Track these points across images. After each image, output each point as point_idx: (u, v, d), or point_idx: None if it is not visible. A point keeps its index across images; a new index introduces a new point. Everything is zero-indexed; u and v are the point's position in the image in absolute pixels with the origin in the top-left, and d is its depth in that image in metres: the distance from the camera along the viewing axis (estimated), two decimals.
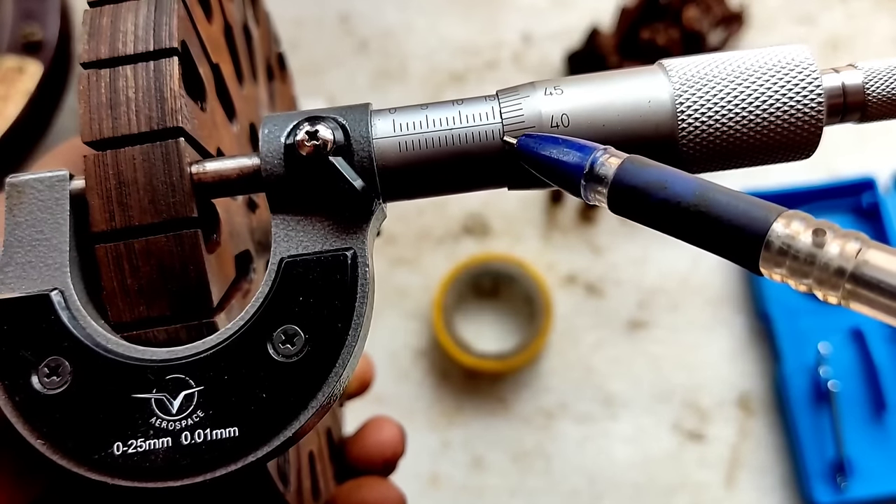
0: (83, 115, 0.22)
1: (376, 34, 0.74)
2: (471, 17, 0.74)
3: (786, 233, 0.18)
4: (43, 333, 0.22)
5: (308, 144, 0.22)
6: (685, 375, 0.63)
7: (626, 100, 0.23)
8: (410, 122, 0.23)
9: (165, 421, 0.21)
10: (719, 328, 0.64)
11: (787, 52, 0.23)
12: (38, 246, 0.22)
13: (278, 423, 0.21)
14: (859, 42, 0.73)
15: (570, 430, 0.62)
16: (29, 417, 0.21)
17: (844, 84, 0.23)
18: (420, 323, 0.65)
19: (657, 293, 0.65)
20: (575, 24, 0.71)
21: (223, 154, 0.27)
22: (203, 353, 0.22)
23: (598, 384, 0.63)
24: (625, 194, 0.21)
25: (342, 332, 0.22)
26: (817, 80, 0.23)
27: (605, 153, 0.22)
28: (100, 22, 0.23)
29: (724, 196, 0.20)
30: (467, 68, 0.72)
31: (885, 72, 0.24)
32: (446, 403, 0.63)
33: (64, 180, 0.23)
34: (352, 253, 0.23)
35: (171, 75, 0.22)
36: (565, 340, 0.64)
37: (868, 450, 0.58)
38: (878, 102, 0.24)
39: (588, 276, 0.65)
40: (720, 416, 0.62)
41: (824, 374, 0.60)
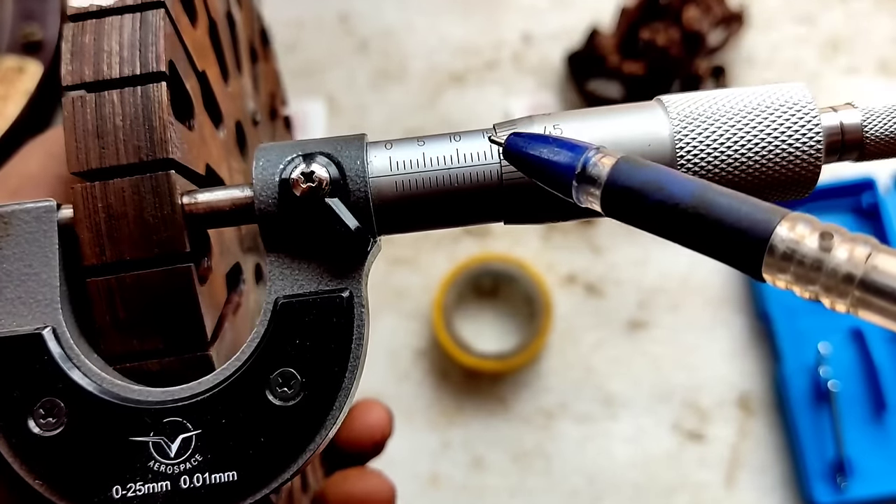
0: (69, 143, 0.22)
1: (376, 34, 0.74)
2: (471, 17, 0.74)
3: (790, 237, 0.17)
4: (36, 374, 0.21)
5: (303, 185, 0.21)
6: (685, 375, 0.63)
7: (625, 137, 0.23)
8: (407, 159, 0.23)
9: (164, 464, 0.21)
10: (719, 328, 0.64)
11: (787, 92, 0.23)
12: (28, 281, 0.22)
13: (277, 467, 0.21)
14: (859, 42, 0.73)
15: (570, 430, 0.62)
16: (26, 459, 0.21)
17: (843, 123, 0.23)
18: (420, 323, 0.65)
19: (657, 293, 0.65)
20: (575, 24, 0.71)
21: (213, 170, 0.26)
22: (200, 396, 0.21)
23: (598, 384, 0.63)
24: (619, 196, 0.20)
25: (339, 374, 0.22)
26: (817, 120, 0.23)
27: (598, 152, 0.21)
28: (82, 40, 0.22)
29: (725, 198, 0.19)
30: (467, 68, 0.72)
31: (883, 112, 0.23)
32: (446, 403, 0.63)
33: (52, 211, 0.22)
34: (347, 294, 0.22)
35: (160, 102, 0.22)
36: (565, 340, 0.64)
37: (868, 450, 0.58)
38: (876, 142, 0.23)
39: (588, 276, 0.65)
40: (720, 415, 0.62)
41: (824, 374, 0.60)
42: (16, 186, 0.27)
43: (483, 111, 0.71)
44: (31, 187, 0.27)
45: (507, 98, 0.71)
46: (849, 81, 0.71)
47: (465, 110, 0.71)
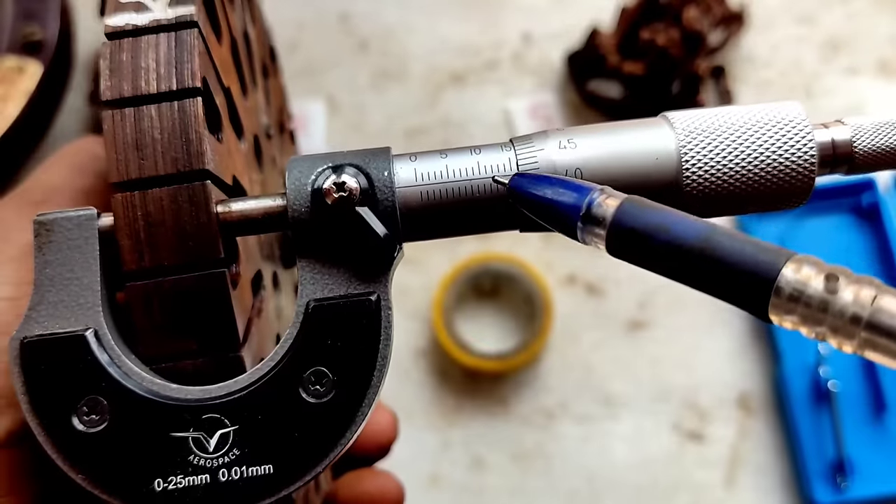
0: (110, 155, 0.23)
1: (376, 34, 0.74)
2: (471, 17, 0.74)
3: (796, 278, 0.18)
4: (80, 373, 0.22)
5: (335, 195, 0.23)
6: (685, 375, 0.63)
7: (636, 151, 0.24)
8: (432, 171, 0.24)
9: (203, 458, 0.22)
10: (719, 328, 0.64)
11: (783, 109, 0.25)
12: (70, 285, 0.23)
13: (311, 461, 0.22)
14: (859, 42, 0.73)
15: (570, 430, 0.62)
16: (69, 455, 0.22)
17: (834, 139, 0.25)
18: (420, 323, 0.65)
19: (657, 293, 0.65)
20: (575, 24, 0.71)
21: (238, 181, 0.27)
22: (237, 394, 0.23)
23: (598, 384, 0.63)
24: (624, 237, 0.20)
25: (368, 373, 0.23)
26: (810, 136, 0.25)
27: (602, 193, 0.21)
28: (120, 58, 0.23)
29: (730, 240, 0.19)
30: (467, 68, 0.72)
31: (870, 128, 0.25)
32: (446, 403, 0.63)
33: (92, 218, 0.23)
34: (376, 297, 0.23)
35: (196, 116, 0.23)
36: (565, 340, 0.64)
37: (868, 450, 0.58)
38: (865, 156, 0.25)
39: (588, 276, 0.65)
40: (720, 415, 0.62)
41: (824, 374, 0.60)
42: (39, 198, 0.28)
43: (483, 111, 0.71)
44: (54, 199, 0.28)
45: (507, 98, 0.71)
46: (849, 81, 0.71)
47: (465, 110, 0.71)
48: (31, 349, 0.22)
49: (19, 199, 0.28)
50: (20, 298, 0.25)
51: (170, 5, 0.24)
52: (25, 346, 0.22)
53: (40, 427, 0.22)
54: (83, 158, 0.29)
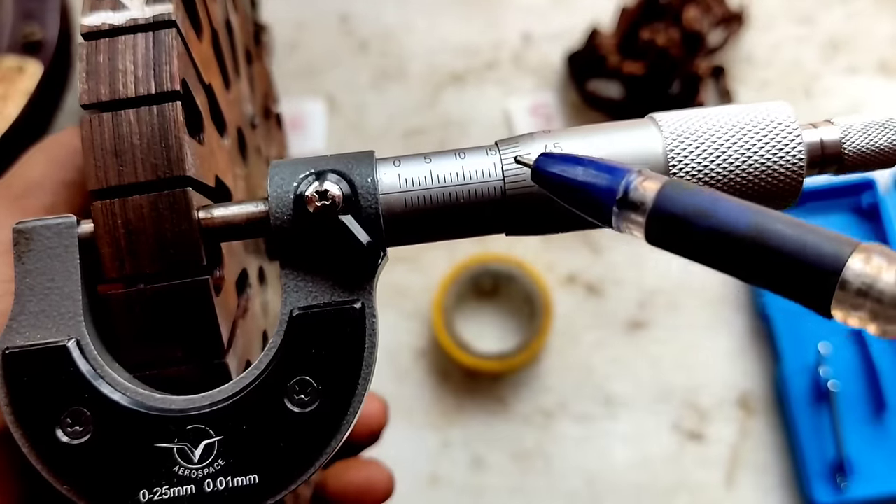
0: (88, 161, 0.22)
1: (376, 34, 0.74)
2: (471, 17, 0.74)
3: (865, 271, 0.16)
4: (63, 384, 0.22)
5: (318, 203, 0.22)
6: (685, 375, 0.63)
7: (622, 154, 0.24)
8: (415, 176, 0.24)
9: (188, 469, 0.22)
10: (719, 328, 0.64)
11: (771, 110, 0.25)
12: (51, 294, 0.23)
13: (296, 470, 0.22)
14: (859, 42, 0.73)
15: (570, 430, 0.62)
16: (54, 466, 0.22)
17: (822, 140, 0.25)
18: (420, 323, 0.65)
19: (657, 293, 0.65)
20: (575, 24, 0.71)
21: (221, 181, 0.27)
22: (221, 404, 0.22)
23: (598, 384, 0.63)
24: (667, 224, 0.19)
25: (353, 381, 0.23)
26: (799, 137, 0.24)
27: (640, 175, 0.19)
28: (97, 59, 0.23)
29: (786, 226, 0.17)
30: (467, 68, 0.72)
31: (860, 128, 0.25)
32: (446, 403, 0.63)
33: (72, 226, 0.23)
34: (360, 305, 0.23)
35: (175, 121, 0.22)
36: (565, 340, 0.64)
37: (868, 450, 0.58)
38: (854, 156, 0.25)
39: (588, 276, 0.65)
40: (720, 415, 0.62)
41: (824, 374, 0.60)
42: (20, 192, 0.28)
43: (483, 111, 0.71)
44: (35, 193, 0.27)
45: (507, 98, 0.71)
46: (849, 81, 0.71)
47: (465, 110, 0.71)
48: (13, 360, 0.22)
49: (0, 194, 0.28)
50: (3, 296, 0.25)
51: (147, 3, 0.23)
52: (7, 357, 0.22)
53: (24, 438, 0.22)
54: (64, 151, 0.29)
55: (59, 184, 0.28)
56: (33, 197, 0.27)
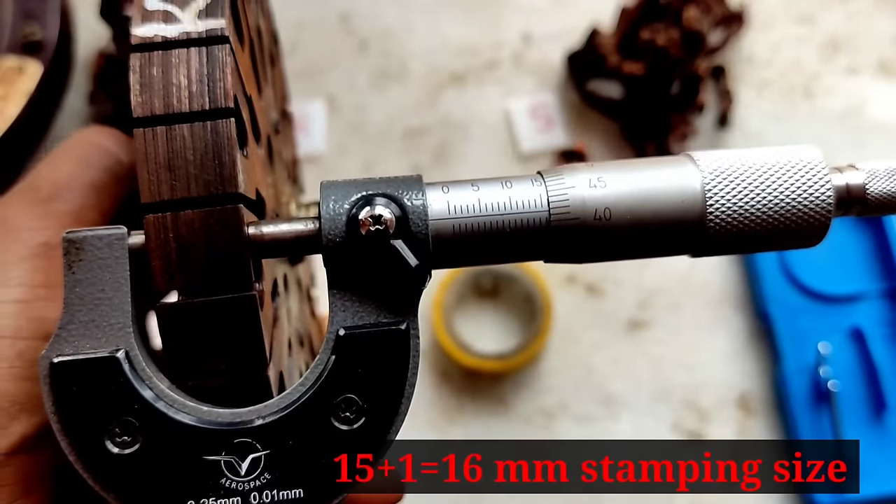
0: (142, 175, 0.22)
1: (376, 34, 0.74)
2: (471, 18, 0.74)
3: None
4: (112, 395, 0.22)
5: (371, 227, 0.23)
6: (685, 375, 0.63)
7: (663, 190, 0.25)
8: (464, 204, 0.24)
9: (235, 482, 0.22)
10: (719, 328, 0.64)
11: (802, 153, 0.26)
12: (101, 305, 0.23)
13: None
14: (859, 42, 0.73)
15: (570, 430, 0.62)
16: (101, 477, 0.22)
17: (848, 184, 0.26)
18: (420, 323, 0.64)
19: (657, 293, 0.65)
20: (575, 24, 0.71)
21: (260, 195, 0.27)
22: (268, 419, 0.23)
23: (599, 384, 0.63)
24: None
25: (396, 401, 0.23)
26: (828, 180, 0.26)
27: None
28: (150, 72, 0.23)
29: None
30: (467, 68, 0.72)
31: (882, 173, 0.26)
32: (447, 403, 0.63)
33: (123, 238, 0.23)
34: (405, 326, 0.24)
35: (229, 137, 0.22)
36: (565, 340, 0.64)
37: (868, 450, 0.58)
38: (877, 199, 0.26)
39: (588, 276, 0.65)
40: (720, 415, 0.62)
41: (824, 374, 0.60)
42: (47, 195, 0.27)
43: (483, 111, 0.71)
44: (63, 196, 0.27)
45: (507, 98, 0.71)
46: (849, 81, 0.71)
47: (465, 110, 0.71)
48: (61, 370, 0.22)
49: (26, 197, 0.27)
50: (34, 301, 0.25)
51: (199, 17, 0.23)
52: (55, 366, 0.22)
53: (71, 448, 0.22)
54: (89, 151, 0.29)
55: (87, 186, 0.28)
56: (61, 200, 0.27)
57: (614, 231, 0.25)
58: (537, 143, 0.69)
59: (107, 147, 0.29)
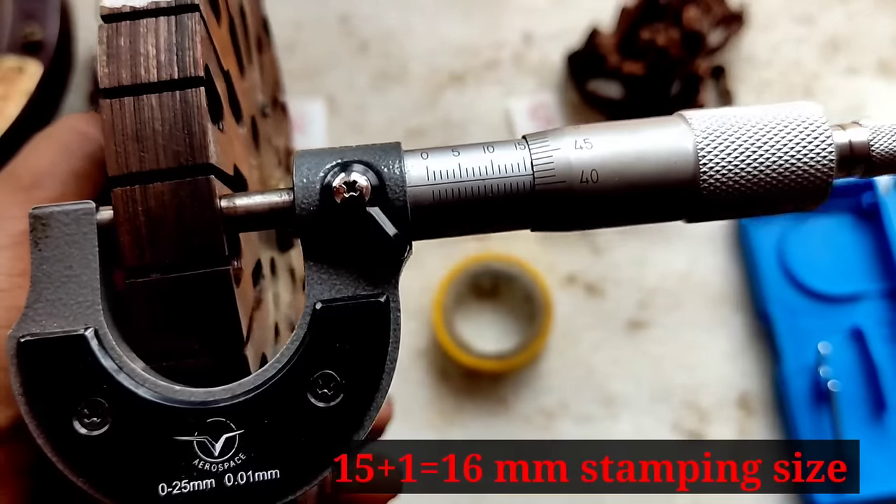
0: (109, 147, 0.22)
1: (376, 35, 0.74)
2: (471, 18, 0.74)
3: None
4: (80, 375, 0.21)
5: (345, 194, 0.22)
6: (685, 375, 0.63)
7: (653, 151, 0.24)
8: (444, 169, 0.23)
9: (208, 463, 0.22)
10: (719, 328, 0.64)
11: (802, 110, 0.25)
12: (68, 283, 0.22)
13: (318, 465, 0.22)
14: (859, 42, 0.73)
15: (570, 430, 0.62)
16: (69, 458, 0.21)
17: (851, 141, 0.25)
18: (420, 323, 0.65)
19: (657, 293, 0.65)
20: (575, 24, 0.71)
21: (238, 170, 0.27)
22: (243, 397, 0.22)
23: (599, 384, 0.63)
24: None
25: (376, 376, 0.22)
26: (829, 137, 0.24)
27: None
28: (117, 42, 0.22)
29: None
30: (467, 69, 0.72)
31: (888, 130, 0.25)
32: (446, 403, 0.63)
33: (91, 213, 0.22)
34: (385, 298, 0.23)
35: (199, 107, 0.22)
36: (565, 340, 0.64)
37: (868, 450, 0.58)
38: (882, 158, 0.25)
39: (588, 276, 0.65)
40: (720, 415, 0.62)
41: (824, 374, 0.60)
42: (28, 182, 0.27)
43: (483, 111, 0.71)
44: (44, 184, 0.27)
45: (507, 98, 0.71)
46: (849, 81, 0.71)
47: (465, 110, 0.71)
48: (29, 349, 0.21)
49: (6, 185, 0.27)
50: (12, 290, 0.24)
51: None
52: (23, 345, 0.21)
53: (39, 429, 0.21)
54: (71, 138, 0.28)
55: (68, 174, 0.27)
56: (42, 188, 0.27)
57: (602, 195, 0.23)
58: None
59: (87, 134, 0.28)
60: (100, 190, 0.29)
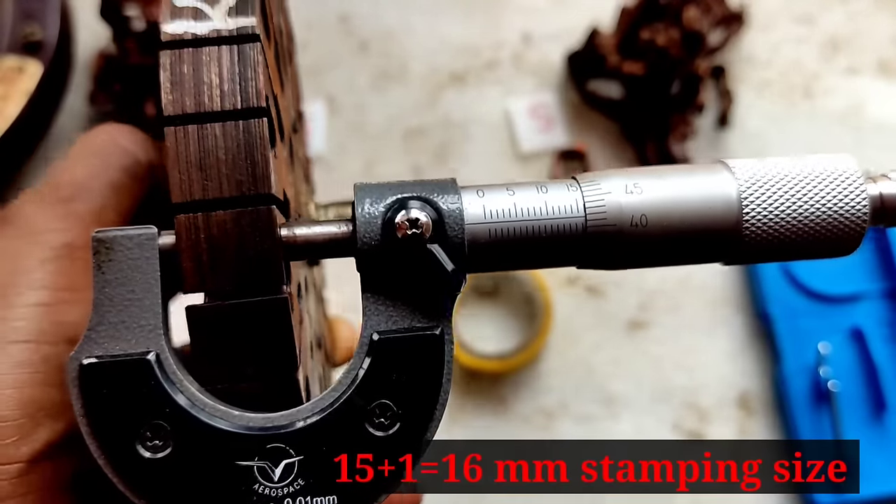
0: (173, 174, 0.22)
1: (376, 35, 0.74)
2: (471, 18, 0.74)
3: None
4: (143, 398, 0.22)
5: (409, 232, 0.23)
6: (685, 375, 0.63)
7: (699, 197, 0.25)
8: (500, 209, 0.24)
9: (268, 488, 0.22)
10: (719, 328, 0.64)
11: (838, 163, 0.26)
12: (131, 306, 0.22)
13: (374, 492, 0.23)
14: (859, 42, 0.73)
15: (570, 430, 0.62)
16: (132, 481, 0.22)
17: (882, 194, 0.26)
18: None
19: (657, 293, 0.65)
20: (575, 24, 0.71)
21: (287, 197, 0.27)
22: (301, 424, 0.22)
23: (599, 384, 0.63)
24: None
25: (431, 406, 0.24)
26: (864, 190, 0.26)
27: None
28: (181, 69, 0.22)
29: None
30: (467, 69, 0.72)
31: None
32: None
33: (153, 238, 0.23)
34: (439, 331, 0.23)
35: (262, 137, 0.22)
36: (565, 341, 0.64)
37: (868, 450, 0.58)
38: None
39: (588, 277, 0.65)
40: (720, 415, 0.62)
41: (824, 374, 0.60)
42: (67, 195, 0.27)
43: (483, 111, 0.71)
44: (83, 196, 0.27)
45: (507, 98, 0.71)
46: (849, 81, 0.71)
47: (465, 110, 0.71)
48: (91, 372, 0.22)
49: (46, 196, 0.27)
50: (57, 305, 0.25)
51: (229, 14, 0.23)
52: (86, 368, 0.22)
53: (101, 452, 0.22)
54: (108, 150, 0.28)
55: (106, 186, 0.28)
56: (81, 200, 0.27)
57: (650, 238, 0.24)
58: (537, 143, 0.69)
59: (125, 146, 0.29)
60: (137, 204, 0.29)
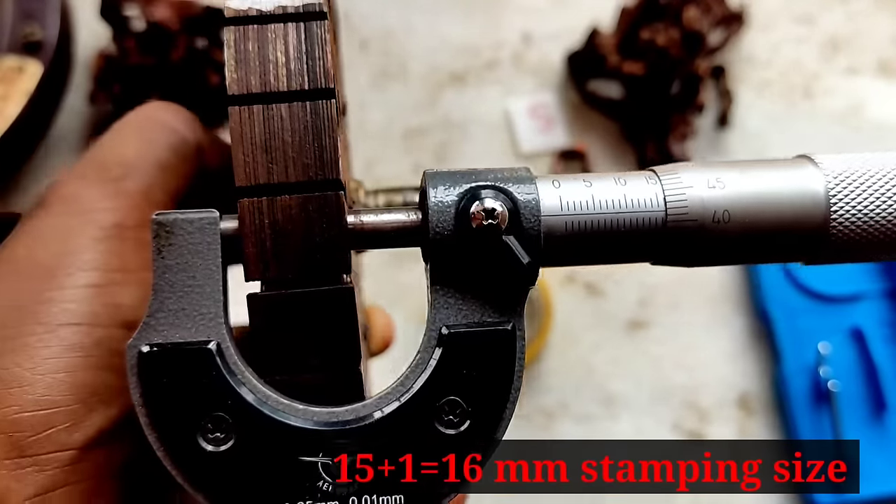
0: (237, 156, 0.21)
1: (376, 34, 0.74)
2: (471, 18, 0.74)
3: None
4: (205, 389, 0.21)
5: (484, 223, 0.21)
6: (685, 375, 0.63)
7: (784, 193, 0.23)
8: (577, 200, 0.23)
9: (332, 485, 0.21)
10: (719, 328, 0.64)
11: None
12: (191, 293, 0.21)
13: (441, 493, 0.22)
14: (859, 42, 0.73)
15: (570, 430, 0.62)
16: (193, 474, 0.21)
17: None
18: (420, 322, 0.64)
19: (657, 293, 0.65)
20: (575, 24, 0.71)
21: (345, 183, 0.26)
22: (367, 420, 0.21)
23: (599, 384, 0.63)
24: None
25: (501, 404, 0.22)
26: None
27: None
28: (245, 47, 0.21)
29: None
30: (467, 68, 0.72)
31: None
32: None
33: (215, 222, 0.22)
34: (511, 326, 0.22)
35: (330, 119, 0.21)
36: (565, 340, 0.64)
37: (868, 450, 0.58)
38: None
39: (588, 276, 0.65)
40: (720, 415, 0.62)
41: (824, 374, 0.60)
42: (118, 174, 0.26)
43: (483, 111, 0.71)
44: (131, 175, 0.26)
45: (507, 98, 0.71)
46: (849, 81, 0.71)
47: (465, 110, 0.71)
48: (150, 360, 0.21)
49: (95, 174, 0.26)
50: (109, 286, 0.24)
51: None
52: (145, 356, 0.21)
53: (160, 443, 0.21)
54: (154, 129, 0.28)
55: (154, 165, 0.27)
56: (130, 179, 0.26)
57: (731, 235, 0.23)
58: (537, 143, 0.69)
59: (171, 125, 0.28)
60: (185, 184, 0.28)
